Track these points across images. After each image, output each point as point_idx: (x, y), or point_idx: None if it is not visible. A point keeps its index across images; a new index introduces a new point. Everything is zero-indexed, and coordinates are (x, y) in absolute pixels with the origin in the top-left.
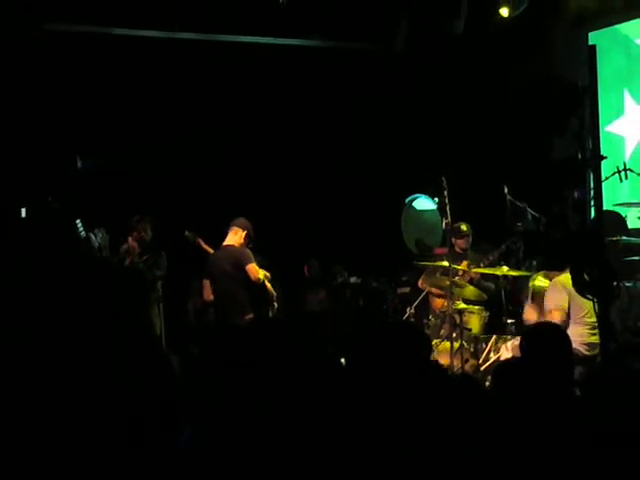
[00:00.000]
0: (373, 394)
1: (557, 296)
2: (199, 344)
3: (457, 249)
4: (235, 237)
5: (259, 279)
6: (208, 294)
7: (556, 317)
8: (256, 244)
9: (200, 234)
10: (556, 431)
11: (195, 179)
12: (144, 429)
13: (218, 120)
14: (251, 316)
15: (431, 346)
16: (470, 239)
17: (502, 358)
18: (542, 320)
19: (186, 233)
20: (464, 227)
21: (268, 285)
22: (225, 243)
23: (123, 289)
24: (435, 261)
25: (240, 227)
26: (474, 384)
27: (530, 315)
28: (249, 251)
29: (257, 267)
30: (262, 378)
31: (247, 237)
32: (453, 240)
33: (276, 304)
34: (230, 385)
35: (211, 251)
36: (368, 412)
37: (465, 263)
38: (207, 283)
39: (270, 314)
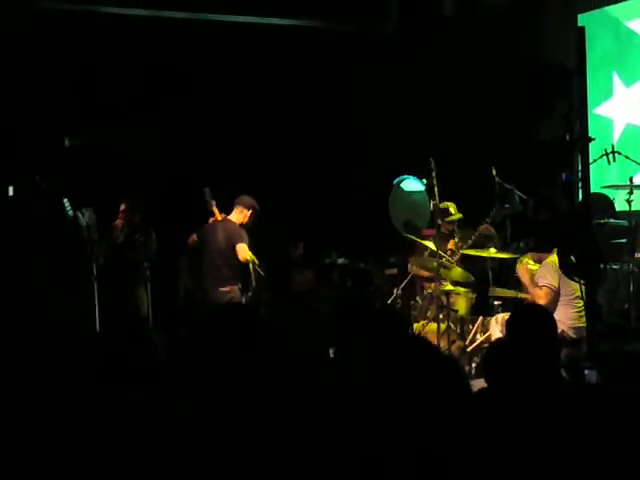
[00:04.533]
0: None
1: (548, 274)
2: (186, 325)
3: (444, 230)
4: (239, 216)
5: (247, 260)
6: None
7: (542, 294)
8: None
9: (190, 212)
10: (542, 413)
11: (184, 158)
12: (129, 403)
13: (208, 99)
14: (227, 289)
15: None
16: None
17: (493, 334)
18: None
19: (205, 189)
20: (451, 208)
21: (251, 269)
22: (228, 217)
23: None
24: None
25: (245, 206)
26: (456, 367)
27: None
28: (244, 231)
29: (247, 249)
30: (245, 362)
31: (252, 216)
32: (439, 221)
33: (250, 291)
34: (213, 368)
35: (219, 217)
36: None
37: (452, 242)
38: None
39: (244, 296)
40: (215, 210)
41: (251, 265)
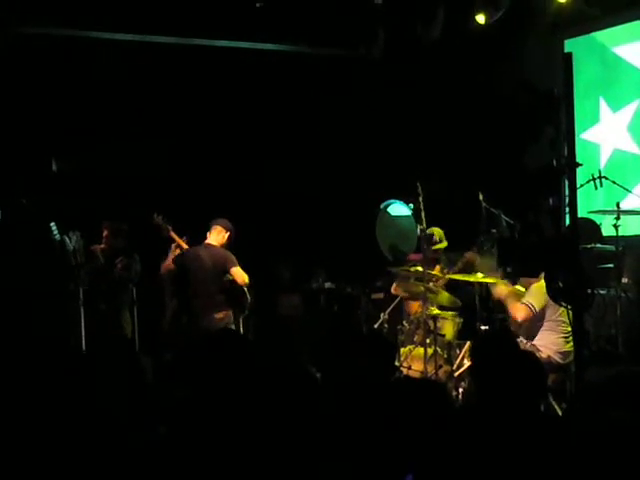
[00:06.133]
0: (340, 402)
1: (533, 296)
2: (172, 349)
3: (428, 255)
4: (218, 237)
5: (245, 282)
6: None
7: (522, 309)
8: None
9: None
10: (529, 441)
11: (171, 181)
12: (115, 428)
13: (195, 124)
14: (221, 315)
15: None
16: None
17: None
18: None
19: (155, 217)
20: (436, 233)
21: (246, 291)
22: (207, 241)
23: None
24: (409, 267)
25: (223, 227)
26: (440, 391)
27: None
28: (232, 254)
29: (242, 270)
30: (230, 386)
31: (229, 239)
32: (425, 246)
33: (247, 310)
34: (199, 391)
35: (184, 244)
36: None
37: (438, 268)
38: (169, 266)
39: (241, 318)
40: (174, 236)
41: (246, 288)
